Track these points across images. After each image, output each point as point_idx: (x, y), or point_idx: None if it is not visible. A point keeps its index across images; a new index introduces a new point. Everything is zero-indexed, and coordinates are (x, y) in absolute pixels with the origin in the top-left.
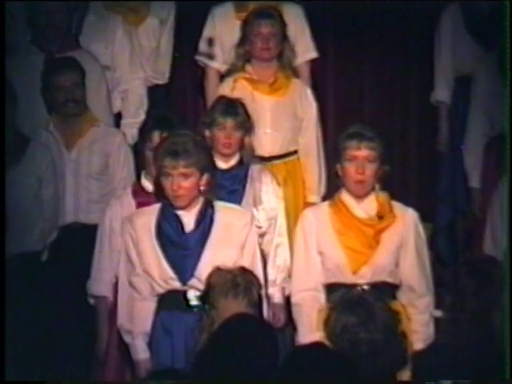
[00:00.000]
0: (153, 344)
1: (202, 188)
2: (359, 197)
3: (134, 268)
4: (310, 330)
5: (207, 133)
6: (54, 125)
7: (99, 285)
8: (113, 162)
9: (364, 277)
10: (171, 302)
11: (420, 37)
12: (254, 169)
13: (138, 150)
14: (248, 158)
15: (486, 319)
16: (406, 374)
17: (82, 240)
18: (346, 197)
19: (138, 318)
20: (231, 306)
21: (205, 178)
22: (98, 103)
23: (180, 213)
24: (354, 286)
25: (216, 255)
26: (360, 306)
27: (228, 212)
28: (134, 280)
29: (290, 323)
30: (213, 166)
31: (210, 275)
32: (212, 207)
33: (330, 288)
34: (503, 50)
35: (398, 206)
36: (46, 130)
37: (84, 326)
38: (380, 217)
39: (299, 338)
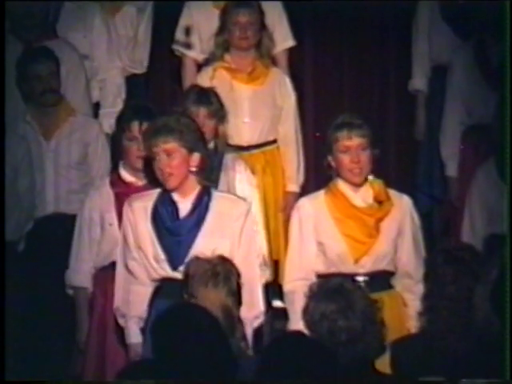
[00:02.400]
0: (147, 332)
1: (193, 169)
2: (355, 186)
3: (130, 251)
4: (301, 317)
5: None
6: (31, 115)
7: (78, 275)
8: (92, 151)
9: (364, 266)
10: (167, 291)
11: (398, 25)
12: (228, 157)
13: (115, 139)
14: (222, 146)
15: (466, 307)
16: (384, 362)
17: (63, 230)
18: (342, 185)
19: (132, 303)
20: (211, 295)
21: (194, 157)
22: (76, 93)
23: (176, 199)
24: (354, 275)
25: (209, 243)
26: (339, 294)
27: (224, 201)
28: (130, 264)
29: (269, 311)
30: (203, 146)
31: (189, 265)
32: (209, 195)
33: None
34: (504, 50)
35: (392, 193)
36: (23, 120)
37: (64, 316)
38: (379, 202)
39: (291, 325)
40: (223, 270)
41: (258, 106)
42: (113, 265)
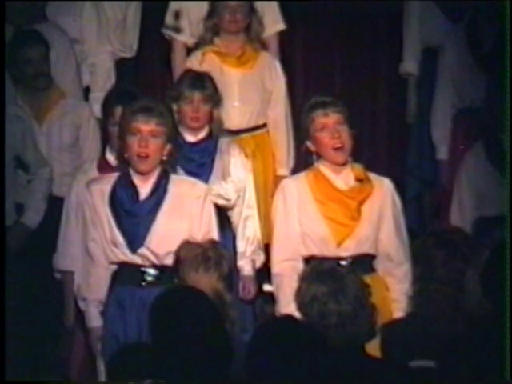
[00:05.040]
0: (106, 317)
1: (164, 157)
2: (339, 165)
3: (90, 233)
4: (290, 300)
5: (174, 107)
6: (21, 99)
7: (65, 259)
8: (83, 134)
9: (348, 249)
10: (125, 276)
11: (389, 8)
12: (223, 142)
13: (102, 124)
14: (217, 131)
15: (457, 290)
16: (374, 345)
17: (56, 213)
18: (323, 168)
19: (92, 286)
20: (202, 279)
21: (168, 147)
22: (66, 77)
23: (136, 182)
24: (337, 259)
25: (167, 226)
26: (331, 277)
27: (182, 184)
28: (89, 245)
29: (260, 295)
30: (176, 139)
31: (179, 249)
32: (167, 178)
33: (312, 261)
34: (504, 49)
35: (373, 177)
36: (14, 104)
37: (53, 301)
38: (359, 180)
39: (280, 308)
40: (214, 255)
41: (248, 89)
42: None
